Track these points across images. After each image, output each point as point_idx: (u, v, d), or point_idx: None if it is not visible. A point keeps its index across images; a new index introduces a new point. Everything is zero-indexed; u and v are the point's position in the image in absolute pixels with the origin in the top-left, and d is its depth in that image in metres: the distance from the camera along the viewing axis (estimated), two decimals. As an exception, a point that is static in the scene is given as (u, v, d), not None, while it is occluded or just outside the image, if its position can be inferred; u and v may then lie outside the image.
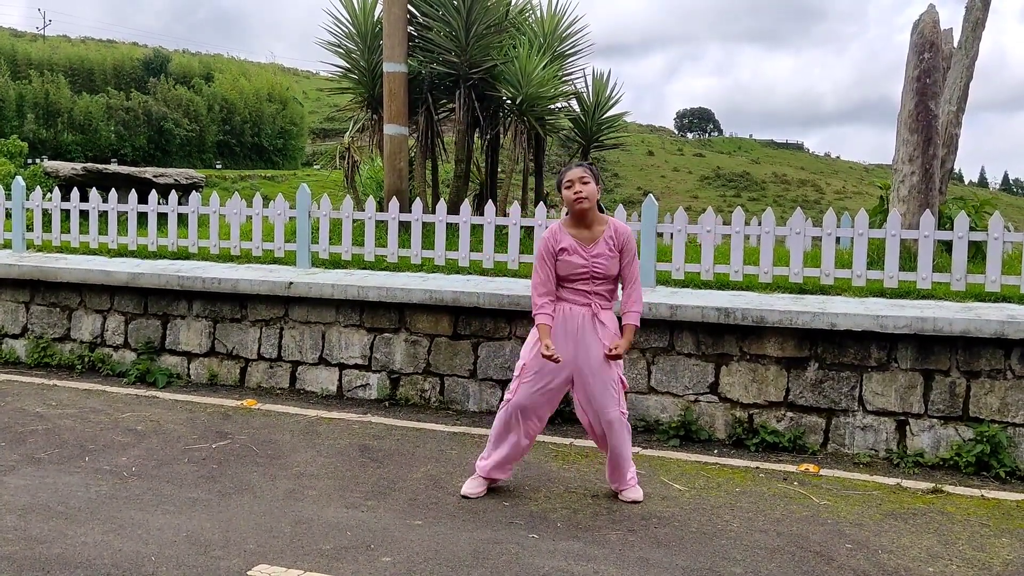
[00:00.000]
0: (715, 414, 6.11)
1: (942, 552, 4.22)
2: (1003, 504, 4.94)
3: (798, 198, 56.88)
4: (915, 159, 7.50)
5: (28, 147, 28.57)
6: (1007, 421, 5.59)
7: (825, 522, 4.57)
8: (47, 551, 3.88)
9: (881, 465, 5.66)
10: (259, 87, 53.63)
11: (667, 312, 6.08)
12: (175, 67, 55.06)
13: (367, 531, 4.25)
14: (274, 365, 7.24)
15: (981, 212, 8.54)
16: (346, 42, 10.25)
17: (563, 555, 4.03)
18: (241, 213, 8.02)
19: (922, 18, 7.63)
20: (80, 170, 12.20)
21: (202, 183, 12.87)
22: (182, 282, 7.30)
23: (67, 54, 52.84)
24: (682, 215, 6.92)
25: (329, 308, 7.05)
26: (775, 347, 5.98)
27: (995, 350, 5.60)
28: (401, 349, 6.85)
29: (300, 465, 5.28)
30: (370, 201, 7.66)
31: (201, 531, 4.19)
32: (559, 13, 10.54)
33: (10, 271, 7.87)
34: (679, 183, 63.28)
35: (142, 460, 5.28)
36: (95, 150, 42.22)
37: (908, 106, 7.59)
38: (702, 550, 4.15)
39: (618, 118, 10.98)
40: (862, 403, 5.84)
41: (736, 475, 5.34)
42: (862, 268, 6.48)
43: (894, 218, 6.48)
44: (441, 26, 9.59)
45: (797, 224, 6.62)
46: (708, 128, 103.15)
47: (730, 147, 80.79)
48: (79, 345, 7.79)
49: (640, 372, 6.27)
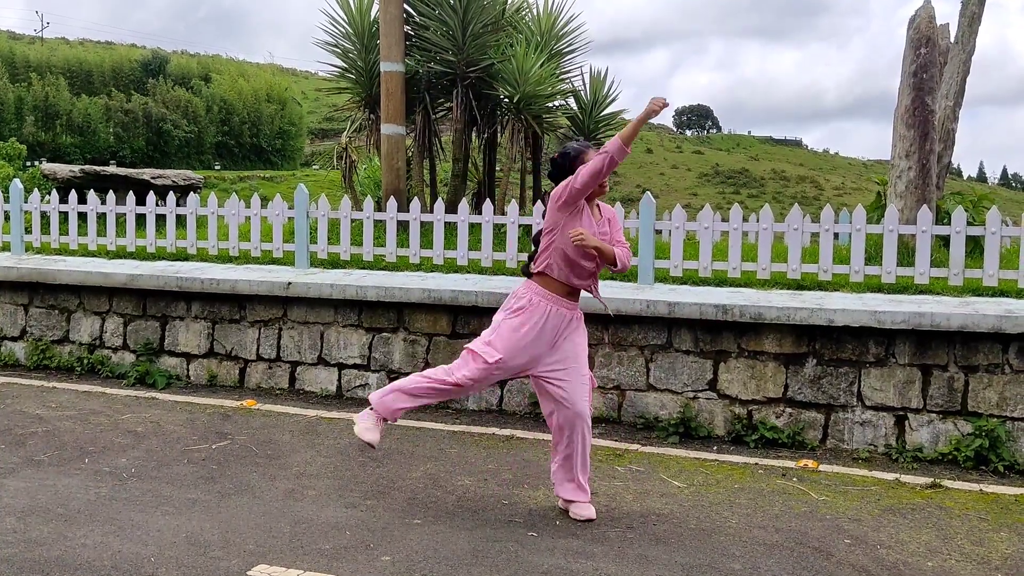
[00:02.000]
0: (714, 411, 6.11)
1: (941, 547, 4.23)
2: (1002, 498, 4.95)
3: (796, 194, 56.88)
4: (912, 154, 7.51)
5: (26, 149, 28.55)
6: (1005, 415, 5.60)
7: (824, 518, 4.58)
8: (47, 553, 3.89)
9: (880, 460, 5.67)
10: (257, 88, 53.58)
11: (665, 309, 6.08)
12: (173, 68, 55.02)
13: (367, 530, 4.26)
14: (273, 365, 7.24)
15: (979, 207, 8.54)
16: (343, 42, 10.25)
17: (562, 553, 4.04)
18: (239, 214, 8.02)
19: (918, 13, 7.64)
20: (78, 172, 12.18)
21: (200, 184, 12.85)
22: (181, 283, 7.30)
23: (65, 56, 52.79)
24: (680, 212, 6.93)
25: (328, 308, 7.05)
26: (773, 343, 5.98)
27: (993, 344, 5.61)
28: (400, 348, 6.86)
29: (300, 465, 5.28)
30: (368, 201, 7.66)
31: (201, 532, 4.19)
32: (555, 11, 10.56)
33: (9, 273, 7.87)
34: (678, 180, 63.28)
35: (142, 461, 5.29)
36: (93, 152, 42.19)
37: (905, 101, 7.59)
38: (701, 547, 4.16)
39: (616, 115, 10.99)
40: (861, 399, 5.84)
41: (735, 471, 5.34)
42: (860, 264, 6.48)
43: (891, 213, 6.48)
44: (438, 25, 9.60)
45: (795, 220, 6.63)
46: (706, 125, 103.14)
47: (729, 144, 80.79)
48: (78, 347, 7.79)
49: (639, 369, 6.27)
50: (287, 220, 7.90)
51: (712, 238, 6.86)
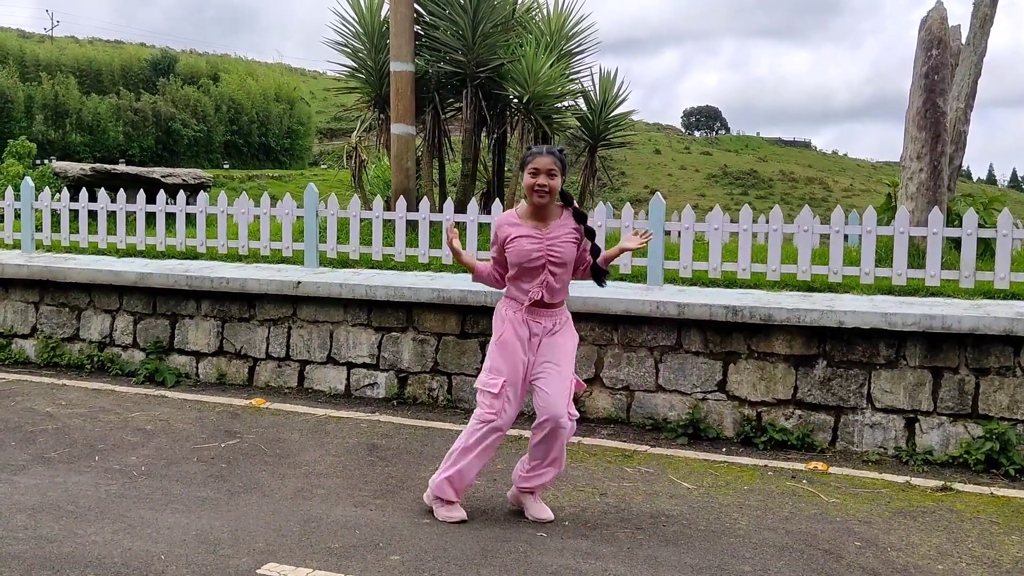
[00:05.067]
0: (723, 412, 6.10)
1: (951, 550, 4.21)
2: (1013, 502, 4.93)
3: (805, 196, 56.70)
4: (923, 156, 7.48)
5: (37, 148, 28.65)
6: (1016, 418, 5.58)
7: (834, 520, 4.57)
8: (57, 550, 3.90)
9: (890, 463, 5.65)
10: (266, 87, 53.64)
11: (675, 310, 6.07)
12: (182, 67, 55.14)
13: (376, 530, 4.26)
14: (282, 364, 7.25)
15: (990, 209, 8.51)
16: (353, 41, 10.25)
17: (572, 553, 4.03)
18: (249, 213, 8.03)
19: (930, 15, 7.61)
20: (88, 170, 12.23)
21: (210, 183, 12.88)
22: (190, 282, 7.32)
23: (75, 55, 52.95)
24: (689, 213, 6.92)
25: (337, 307, 7.06)
26: (783, 345, 5.97)
27: (1004, 347, 5.59)
28: (409, 348, 6.86)
29: (309, 464, 5.29)
30: (377, 200, 7.67)
31: (210, 530, 4.20)
32: (566, 11, 10.53)
33: (20, 271, 7.90)
34: (686, 181, 63.15)
35: (151, 459, 5.30)
36: (103, 151, 42.30)
37: (916, 103, 7.56)
38: (711, 548, 4.15)
39: (625, 116, 10.96)
40: (871, 401, 5.83)
41: (744, 473, 5.33)
42: (870, 265, 6.46)
43: (902, 215, 6.46)
44: (448, 25, 9.60)
45: (805, 222, 6.61)
46: (715, 126, 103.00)
47: (737, 145, 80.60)
48: (88, 345, 7.82)
49: (648, 370, 6.26)
50: (296, 219, 7.92)
51: (722, 239, 6.84)
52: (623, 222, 7.02)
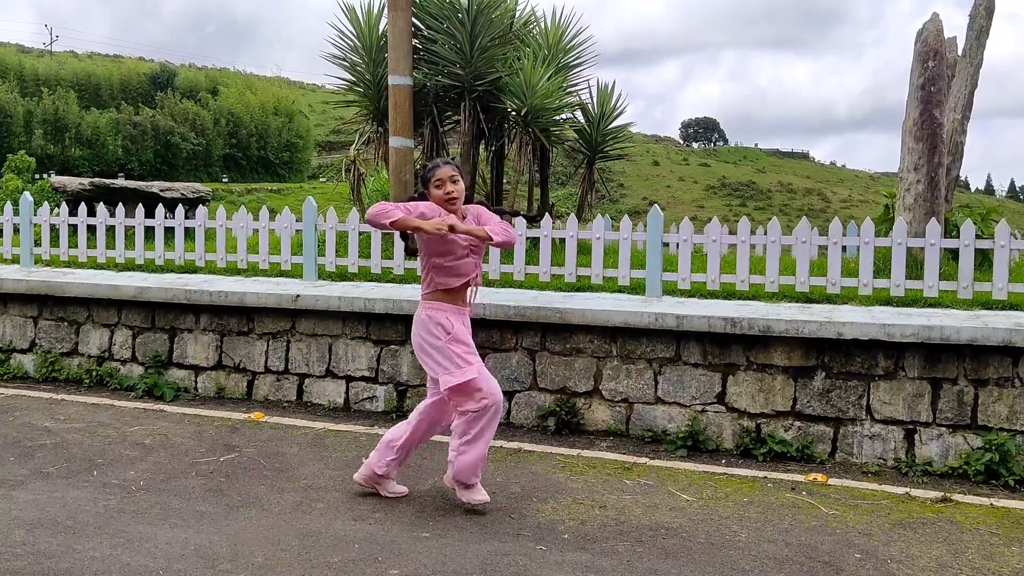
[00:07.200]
0: (722, 424, 6.09)
1: (952, 561, 4.20)
2: (1013, 513, 4.92)
3: (804, 207, 56.82)
4: (920, 167, 7.50)
5: (36, 162, 28.71)
6: (1016, 429, 5.57)
7: (834, 532, 4.56)
8: (55, 565, 3.89)
9: (889, 474, 5.65)
10: (265, 100, 53.82)
11: (673, 322, 6.08)
12: (181, 81, 55.33)
13: (375, 544, 4.25)
14: (281, 378, 7.25)
15: (987, 220, 8.52)
16: (351, 55, 10.29)
17: (571, 567, 4.02)
18: (247, 226, 8.04)
19: (926, 27, 7.64)
20: (87, 185, 12.22)
21: (209, 197, 12.88)
22: (189, 296, 7.32)
23: (74, 69, 53.14)
24: (688, 225, 6.93)
25: (336, 320, 7.06)
26: (782, 356, 5.97)
27: (1003, 358, 5.59)
28: (408, 361, 6.86)
29: (308, 478, 5.28)
30: (376, 213, 7.67)
31: (209, 545, 4.19)
32: (564, 25, 10.57)
33: (18, 286, 7.90)
34: (685, 193, 63.28)
35: (150, 474, 5.29)
36: (102, 165, 42.40)
37: (913, 114, 7.59)
38: (711, 561, 4.14)
39: (623, 128, 10.99)
40: (870, 412, 5.82)
41: (744, 485, 5.33)
42: (868, 277, 6.47)
43: (900, 226, 6.47)
44: (446, 39, 9.63)
45: (803, 233, 6.62)
46: (713, 138, 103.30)
47: (735, 156, 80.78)
48: (87, 359, 7.81)
49: (647, 382, 6.26)
50: (295, 233, 7.93)
51: (720, 251, 6.85)
52: (621, 234, 7.03)
